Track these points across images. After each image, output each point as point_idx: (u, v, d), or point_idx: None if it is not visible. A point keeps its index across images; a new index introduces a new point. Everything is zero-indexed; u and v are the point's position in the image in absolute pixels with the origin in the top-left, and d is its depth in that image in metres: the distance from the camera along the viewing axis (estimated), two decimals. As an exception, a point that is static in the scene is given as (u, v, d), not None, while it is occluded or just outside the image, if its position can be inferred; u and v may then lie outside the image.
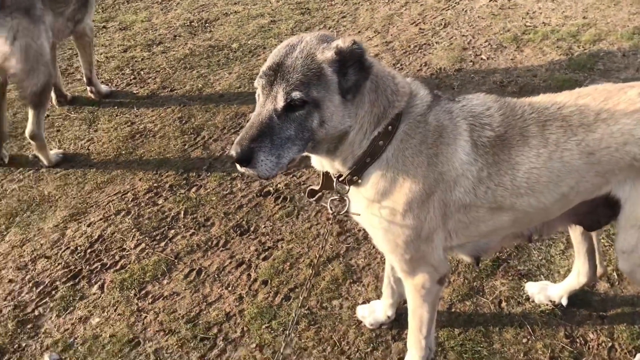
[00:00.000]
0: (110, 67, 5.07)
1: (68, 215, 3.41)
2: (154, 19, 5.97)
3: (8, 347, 2.66)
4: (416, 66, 4.80)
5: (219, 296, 2.87)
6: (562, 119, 1.92)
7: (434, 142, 1.90)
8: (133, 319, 2.77)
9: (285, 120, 1.74)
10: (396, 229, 1.94)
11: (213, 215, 3.39)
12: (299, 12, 5.98)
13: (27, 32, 3.27)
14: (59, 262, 3.10)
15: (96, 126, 4.25)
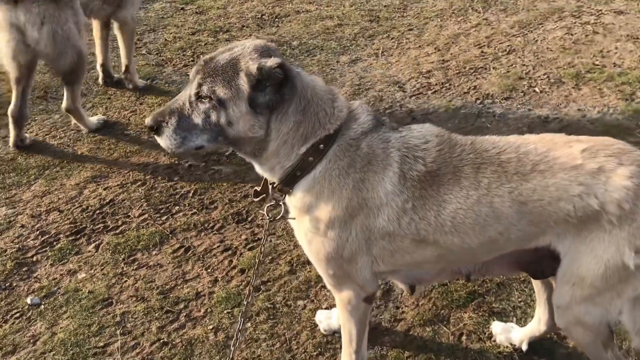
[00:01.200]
0: (175, 47, 5.34)
1: (90, 176, 3.67)
2: (230, 8, 6.22)
3: (1, 283, 2.92)
4: (464, 88, 4.71)
5: (197, 275, 2.99)
6: (499, 164, 1.89)
7: (362, 167, 1.93)
8: (114, 281, 2.95)
9: (195, 109, 1.89)
10: (318, 244, 1.98)
11: (219, 199, 3.52)
12: (367, 18, 6.02)
13: (53, 18, 3.47)
14: (68, 217, 3.34)
15: (143, 99, 4.51)
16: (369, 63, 5.14)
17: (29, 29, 3.46)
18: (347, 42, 5.51)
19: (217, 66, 1.87)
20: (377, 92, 4.68)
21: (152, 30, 5.64)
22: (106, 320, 2.73)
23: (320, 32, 5.70)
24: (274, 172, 2.00)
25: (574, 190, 1.81)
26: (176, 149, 1.93)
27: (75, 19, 3.65)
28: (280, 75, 1.83)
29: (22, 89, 3.74)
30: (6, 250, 3.10)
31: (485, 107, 4.47)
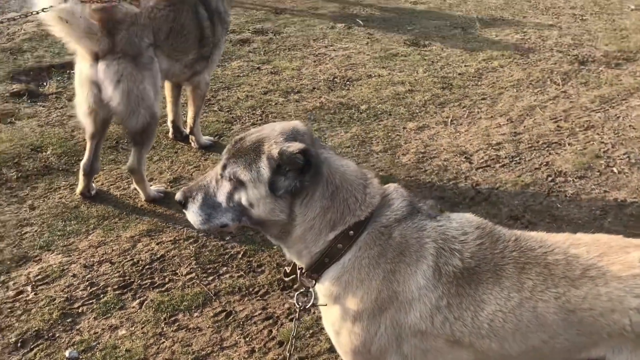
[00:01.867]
0: (246, 105, 5.45)
1: (146, 229, 3.71)
2: (304, 69, 6.33)
3: (44, 333, 2.95)
4: (535, 164, 4.49)
5: (234, 343, 2.91)
6: (545, 265, 1.71)
7: (393, 258, 1.81)
8: (152, 341, 2.91)
9: (220, 188, 1.88)
10: (346, 336, 1.87)
11: (267, 263, 3.46)
12: (440, 86, 5.94)
13: (130, 77, 3.59)
14: (119, 270, 3.38)
15: (208, 156, 4.59)
16: (437, 131, 5.03)
17: (106, 86, 3.60)
18: (416, 109, 5.44)
19: (243, 147, 1.87)
20: (442, 161, 4.54)
21: (227, 88, 5.81)
22: (137, 383, 2.68)
23: (390, 97, 5.67)
24: (301, 256, 1.93)
25: (630, 302, 1.61)
26: (201, 225, 1.94)
27: (152, 80, 3.76)
28: (301, 161, 1.77)
29: (95, 143, 3.88)
30: (55, 299, 3.15)
31: (557, 186, 4.22)
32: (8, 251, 3.48)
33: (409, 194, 1.98)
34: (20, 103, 5.27)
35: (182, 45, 4.04)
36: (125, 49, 3.62)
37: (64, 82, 5.70)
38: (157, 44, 3.83)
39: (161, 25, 3.88)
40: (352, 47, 7.01)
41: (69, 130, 4.83)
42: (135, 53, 3.66)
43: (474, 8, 8.59)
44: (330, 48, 6.99)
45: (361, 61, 6.59)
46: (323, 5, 8.61)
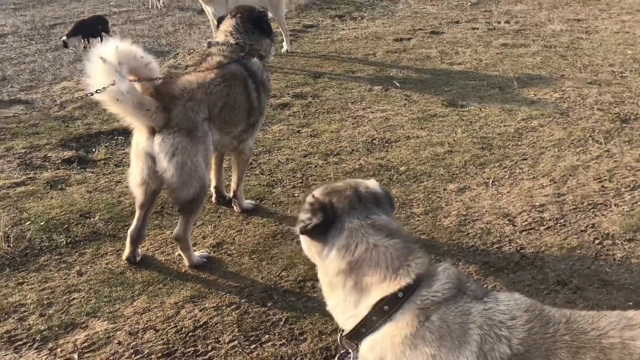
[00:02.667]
0: (286, 168, 5.55)
1: (189, 295, 3.75)
2: (342, 132, 6.43)
3: (89, 402, 2.97)
4: (581, 226, 4.39)
5: (277, 415, 2.86)
6: (601, 349, 1.65)
7: (432, 342, 1.77)
8: (195, 412, 2.89)
9: None
10: None
11: (309, 330, 3.43)
12: (479, 146, 5.94)
13: (185, 151, 3.70)
14: (163, 338, 3.40)
15: (250, 220, 4.65)
16: (478, 193, 4.99)
17: (161, 158, 3.70)
18: (456, 170, 5.43)
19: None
20: (485, 224, 4.49)
21: (268, 152, 5.93)
22: None
23: (428, 158, 5.69)
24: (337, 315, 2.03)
25: None
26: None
27: (205, 153, 3.88)
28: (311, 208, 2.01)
29: (144, 212, 4.00)
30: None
31: (605, 249, 4.11)
32: (56, 317, 3.55)
33: (458, 273, 1.96)
34: (70, 169, 5.49)
35: (233, 118, 4.18)
36: (182, 123, 3.74)
37: (112, 149, 5.92)
38: (210, 118, 3.95)
39: (216, 101, 4.01)
40: (389, 109, 7.11)
41: (116, 195, 4.98)
42: (191, 127, 3.77)
43: (510, 68, 8.64)
44: (368, 110, 7.10)
45: (399, 122, 6.66)
46: (360, 68, 8.81)
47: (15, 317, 3.55)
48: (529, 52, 9.48)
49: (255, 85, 4.30)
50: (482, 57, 9.28)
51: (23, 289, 3.81)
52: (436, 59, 9.28)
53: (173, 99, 3.78)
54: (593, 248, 4.12)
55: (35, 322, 3.51)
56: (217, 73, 4.12)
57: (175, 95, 3.80)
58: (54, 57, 9.58)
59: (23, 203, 4.82)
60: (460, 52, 9.67)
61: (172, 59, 9.72)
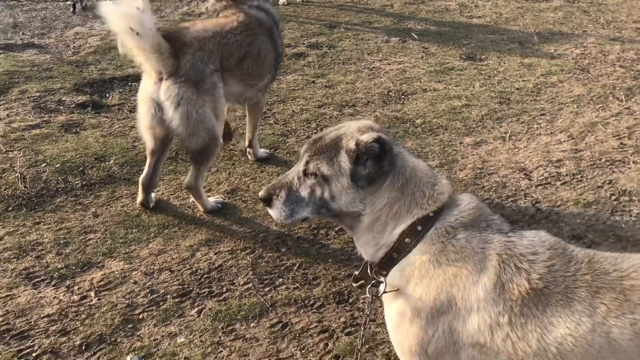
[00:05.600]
0: (301, 118, 5.50)
1: (204, 239, 3.78)
2: (358, 83, 6.34)
3: (107, 337, 3.03)
4: (598, 182, 4.35)
5: (290, 355, 2.91)
6: (621, 290, 1.65)
7: (455, 260, 1.79)
8: (210, 350, 2.95)
9: (303, 183, 2.02)
10: (403, 333, 1.87)
11: (322, 276, 3.46)
12: (497, 100, 5.85)
13: (190, 101, 3.63)
14: (178, 279, 3.44)
15: (264, 168, 4.64)
16: (495, 147, 4.94)
17: (166, 107, 3.66)
18: (473, 124, 5.37)
19: (322, 145, 2.02)
20: (500, 177, 4.46)
21: (282, 102, 5.87)
22: (196, 390, 2.72)
23: (445, 111, 5.61)
24: (368, 247, 2.01)
25: None
26: (285, 220, 2.08)
27: (214, 105, 3.80)
28: (377, 148, 1.89)
29: (155, 160, 3.96)
30: (117, 305, 3.23)
31: (621, 205, 4.08)
32: (73, 256, 3.60)
33: (482, 204, 1.99)
34: (84, 114, 5.47)
35: (259, 69, 4.10)
36: (189, 73, 3.66)
37: (125, 94, 5.89)
38: (227, 69, 3.87)
39: (233, 51, 3.91)
40: (406, 61, 6.99)
41: (131, 140, 4.97)
42: (198, 79, 3.69)
43: (531, 22, 8.44)
44: (385, 62, 6.99)
45: (416, 75, 6.56)
46: (377, 19, 8.63)
47: (33, 255, 3.60)
48: (550, 7, 9.23)
49: (278, 33, 4.22)
50: (503, 11, 9.06)
51: (40, 229, 3.85)
52: (455, 12, 9.07)
53: (183, 46, 3.69)
54: (609, 204, 4.09)
55: (52, 260, 3.56)
56: (241, 21, 4.01)
57: (186, 43, 3.71)
58: (65, 5, 9.43)
59: (38, 145, 4.83)
60: (480, 5, 9.44)
61: (186, 6, 9.57)
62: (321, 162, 1.97)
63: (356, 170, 1.92)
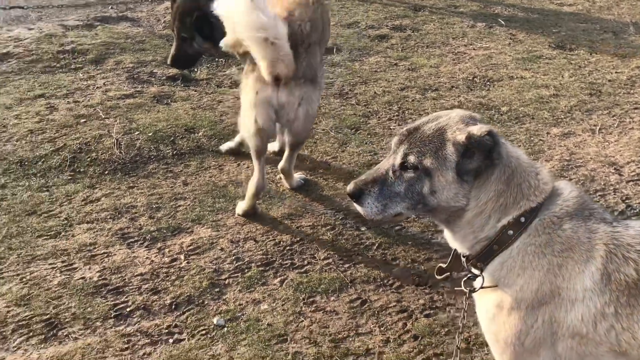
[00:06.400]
0: (383, 100, 5.51)
1: (286, 213, 3.88)
2: (442, 67, 6.27)
3: (195, 299, 3.19)
4: None
5: (369, 331, 2.98)
6: None
7: (561, 251, 1.77)
8: (292, 319, 3.06)
9: (399, 178, 1.93)
10: (499, 324, 1.85)
11: (401, 257, 3.49)
12: (587, 92, 5.64)
13: (309, 100, 3.65)
14: (262, 248, 3.56)
15: (345, 147, 4.70)
16: (583, 139, 4.79)
17: (287, 109, 3.60)
18: (561, 114, 5.21)
19: (423, 137, 1.92)
20: (589, 171, 4.33)
21: (364, 83, 5.89)
22: (279, 356, 2.83)
23: (532, 100, 5.47)
24: (465, 241, 1.96)
25: None
26: (376, 216, 2.00)
27: (319, 97, 3.91)
28: (490, 141, 1.83)
29: (263, 161, 3.80)
30: (204, 269, 3.39)
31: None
32: (164, 221, 3.79)
33: (584, 194, 1.95)
34: (174, 86, 5.68)
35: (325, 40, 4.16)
36: (306, 73, 3.62)
37: (213, 70, 6.07)
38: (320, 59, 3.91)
39: (318, 27, 3.81)
40: (492, 47, 6.83)
41: (218, 114, 5.14)
42: (313, 76, 3.68)
43: (627, 12, 8.03)
44: (470, 47, 6.85)
45: (502, 62, 6.41)
46: (463, 3, 8.45)
47: (127, 216, 3.82)
48: (649, -4, 8.74)
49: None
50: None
51: (134, 193, 4.07)
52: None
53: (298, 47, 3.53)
54: None
55: (145, 223, 3.76)
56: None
57: (298, 42, 3.54)
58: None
59: (132, 114, 5.07)
60: (572, -8, 9.05)
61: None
62: (423, 155, 1.88)
63: (463, 163, 1.84)
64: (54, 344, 2.89)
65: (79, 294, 3.19)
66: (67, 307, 3.11)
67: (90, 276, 3.31)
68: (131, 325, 3.02)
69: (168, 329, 3.00)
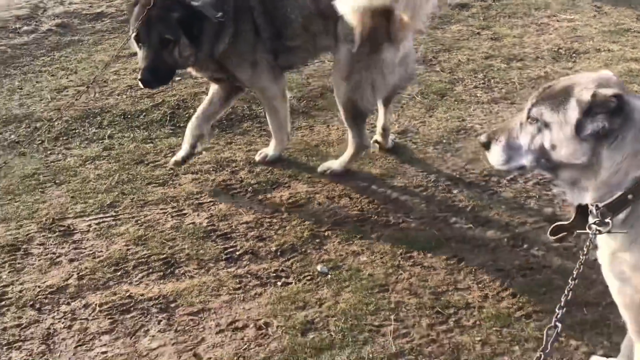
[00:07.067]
0: (467, 68, 5.51)
1: (379, 173, 4.00)
2: (525, 38, 6.19)
3: (298, 247, 3.37)
4: None
5: (467, 287, 3.09)
6: None
7: None
8: (391, 271, 3.19)
9: (524, 129, 2.00)
10: (633, 288, 1.87)
11: (495, 220, 3.57)
12: (681, 66, 5.49)
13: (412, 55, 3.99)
14: (357, 205, 3.70)
15: (432, 113, 4.76)
16: (677, 114, 4.70)
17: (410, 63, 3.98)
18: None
19: (552, 92, 1.95)
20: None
21: (447, 50, 5.89)
22: (382, 304, 2.97)
23: (622, 73, 5.36)
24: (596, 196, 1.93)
25: None
26: (501, 165, 2.08)
27: None
28: (614, 103, 1.81)
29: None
30: (305, 221, 3.56)
31: None
32: (263, 175, 3.97)
33: None
34: (261, 49, 5.83)
35: None
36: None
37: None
38: None
39: None
40: (577, 19, 6.68)
41: (305, 77, 5.27)
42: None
43: None
44: (553, 18, 6.72)
45: (588, 34, 6.27)
46: (545, -27, 8.25)
47: (228, 170, 4.02)
48: None
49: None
50: (687, -29, 8.30)
51: (232, 148, 4.26)
52: (632, -30, 8.44)
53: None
54: None
55: (245, 177, 3.95)
56: None
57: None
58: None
59: (223, 74, 5.25)
60: (660, -36, 8.69)
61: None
62: (546, 107, 1.91)
63: (584, 122, 1.84)
64: (172, 281, 3.13)
65: (191, 237, 3.41)
66: (181, 248, 3.34)
67: (199, 222, 3.53)
68: (241, 267, 3.22)
69: (275, 273, 3.19)
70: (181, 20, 3.43)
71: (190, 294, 3.03)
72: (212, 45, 3.62)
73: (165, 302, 2.99)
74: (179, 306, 2.97)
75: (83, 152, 4.20)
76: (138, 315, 2.92)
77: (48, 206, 3.67)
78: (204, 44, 3.57)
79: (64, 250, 3.33)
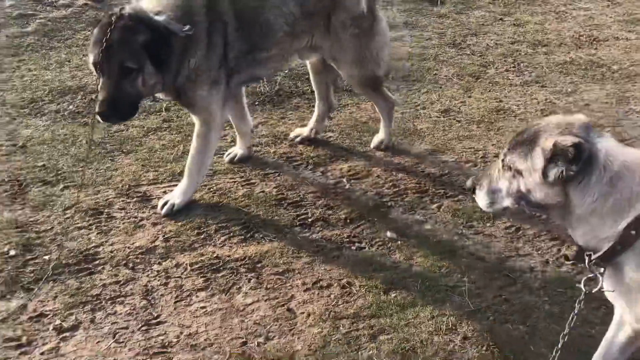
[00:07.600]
0: (497, 52, 5.76)
1: (430, 149, 4.23)
2: (547, 25, 6.46)
3: (365, 215, 3.57)
4: None
5: (528, 253, 3.34)
6: None
7: None
8: (456, 238, 3.43)
9: (502, 176, 2.18)
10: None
11: (545, 194, 3.82)
12: (695, 56, 5.80)
13: None
14: (414, 178, 3.92)
15: (471, 93, 5.00)
16: (697, 100, 5.00)
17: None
18: (671, 75, 5.41)
19: (521, 139, 2.11)
20: None
21: (474, 35, 6.13)
22: (453, 267, 3.21)
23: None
24: (585, 240, 2.06)
25: None
26: (486, 208, 2.30)
27: None
28: (571, 152, 1.93)
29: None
30: (367, 192, 3.77)
31: None
32: (320, 148, 4.17)
33: None
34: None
35: None
36: None
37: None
38: None
39: None
40: (592, 8, 6.97)
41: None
42: None
43: None
44: (570, 7, 7.00)
45: (604, 23, 6.57)
46: (557, -38, 8.51)
47: (286, 143, 4.20)
48: None
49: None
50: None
51: (285, 122, 4.45)
52: (639, -38, 8.74)
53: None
54: None
55: (304, 150, 4.14)
56: None
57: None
58: None
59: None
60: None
61: None
62: (516, 156, 2.06)
63: (548, 168, 1.95)
64: (253, 244, 3.32)
65: (264, 205, 3.60)
66: (256, 214, 3.53)
67: (269, 190, 3.72)
68: (315, 233, 3.43)
69: (348, 239, 3.40)
70: (146, 44, 3.03)
71: (273, 256, 3.23)
72: (179, 69, 3.25)
73: (252, 263, 3.18)
74: (264, 266, 3.17)
75: (144, 124, 4.34)
76: (228, 274, 3.11)
77: (121, 173, 3.82)
78: (172, 69, 3.20)
79: (145, 215, 3.50)
